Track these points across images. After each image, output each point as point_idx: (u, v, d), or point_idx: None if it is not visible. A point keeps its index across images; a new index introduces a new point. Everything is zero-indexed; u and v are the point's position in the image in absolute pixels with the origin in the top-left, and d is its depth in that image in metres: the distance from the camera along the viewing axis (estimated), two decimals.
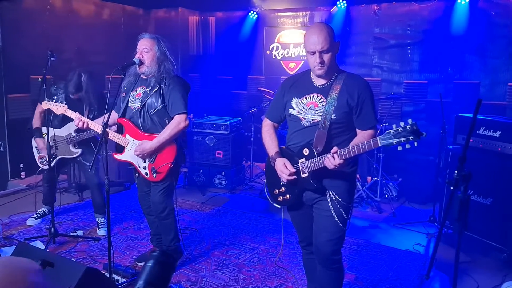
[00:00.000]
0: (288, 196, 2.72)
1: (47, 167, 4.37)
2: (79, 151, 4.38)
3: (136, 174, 3.64)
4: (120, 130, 3.55)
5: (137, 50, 3.42)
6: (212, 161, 6.21)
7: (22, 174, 6.18)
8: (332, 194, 2.58)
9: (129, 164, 3.57)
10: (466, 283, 3.55)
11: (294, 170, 2.57)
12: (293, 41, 7.58)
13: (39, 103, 4.38)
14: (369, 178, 6.03)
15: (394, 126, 2.18)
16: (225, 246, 4.27)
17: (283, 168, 2.59)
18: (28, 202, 5.06)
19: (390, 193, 5.67)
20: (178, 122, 3.40)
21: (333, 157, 2.35)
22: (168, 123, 3.43)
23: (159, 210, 3.59)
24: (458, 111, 4.77)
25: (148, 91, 3.45)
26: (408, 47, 6.65)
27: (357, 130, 2.59)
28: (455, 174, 2.14)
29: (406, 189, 5.84)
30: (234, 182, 6.22)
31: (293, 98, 2.65)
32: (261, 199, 5.68)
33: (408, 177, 5.94)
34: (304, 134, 2.60)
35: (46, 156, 4.35)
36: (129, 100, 3.53)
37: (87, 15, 7.09)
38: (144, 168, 3.49)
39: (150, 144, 3.37)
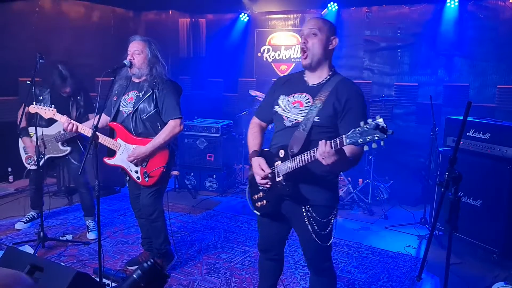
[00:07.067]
0: (265, 201, 2.51)
1: (34, 168, 4.33)
2: (68, 149, 4.35)
3: (127, 178, 3.61)
4: (111, 134, 3.52)
5: (128, 52, 3.40)
6: (203, 164, 6.19)
7: (11, 178, 6.12)
8: (308, 210, 2.41)
9: (120, 168, 3.54)
10: (457, 284, 3.57)
11: (269, 170, 2.37)
12: (284, 43, 7.59)
13: (23, 104, 4.34)
14: (360, 180, 6.04)
15: (361, 123, 1.95)
16: (217, 249, 4.25)
17: (258, 170, 2.40)
18: (16, 206, 5.00)
19: (382, 195, 5.69)
20: (173, 127, 3.38)
21: (325, 143, 2.06)
22: (160, 127, 3.41)
23: (148, 213, 3.56)
24: (448, 113, 4.81)
25: (140, 96, 3.42)
26: (399, 50, 6.69)
27: None
28: (446, 176, 2.15)
29: (397, 191, 5.87)
30: (225, 185, 6.20)
31: (281, 96, 2.51)
32: None
33: (399, 179, 5.97)
34: (285, 135, 2.43)
35: (34, 156, 4.32)
36: (121, 104, 3.50)
37: (77, 17, 7.04)
38: (136, 172, 3.46)
39: (144, 149, 3.35)
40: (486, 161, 3.99)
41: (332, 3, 6.91)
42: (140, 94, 3.43)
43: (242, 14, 7.79)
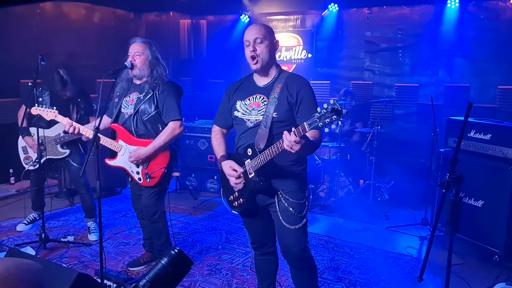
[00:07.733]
0: (241, 200, 2.67)
1: (33, 168, 4.34)
2: (67, 151, 4.36)
3: (129, 179, 3.62)
4: (113, 136, 3.53)
5: (128, 54, 3.42)
6: (204, 165, 6.18)
7: (12, 180, 6.12)
8: (282, 195, 2.58)
9: (122, 169, 3.54)
10: (458, 285, 3.56)
11: (241, 170, 2.54)
12: (285, 45, 7.59)
13: (23, 105, 4.34)
14: (361, 181, 6.04)
15: (318, 109, 2.14)
16: (218, 250, 4.25)
17: (230, 171, 2.57)
18: (18, 207, 5.01)
19: (383, 196, 5.68)
20: (173, 128, 3.39)
21: (289, 133, 2.21)
22: (161, 129, 3.42)
23: (150, 214, 3.57)
24: (449, 114, 4.81)
25: (141, 97, 3.43)
26: (399, 51, 6.70)
27: None
28: (447, 176, 2.15)
29: (398, 192, 5.85)
30: None
31: (238, 101, 2.68)
32: None
33: (400, 180, 5.96)
34: (249, 135, 2.60)
35: (32, 156, 4.33)
36: (122, 105, 3.52)
37: (78, 19, 7.05)
38: (138, 173, 3.47)
39: (145, 150, 3.36)
40: (487, 161, 3.99)
41: (332, 4, 6.92)
42: (141, 95, 3.44)
43: (243, 15, 7.79)
